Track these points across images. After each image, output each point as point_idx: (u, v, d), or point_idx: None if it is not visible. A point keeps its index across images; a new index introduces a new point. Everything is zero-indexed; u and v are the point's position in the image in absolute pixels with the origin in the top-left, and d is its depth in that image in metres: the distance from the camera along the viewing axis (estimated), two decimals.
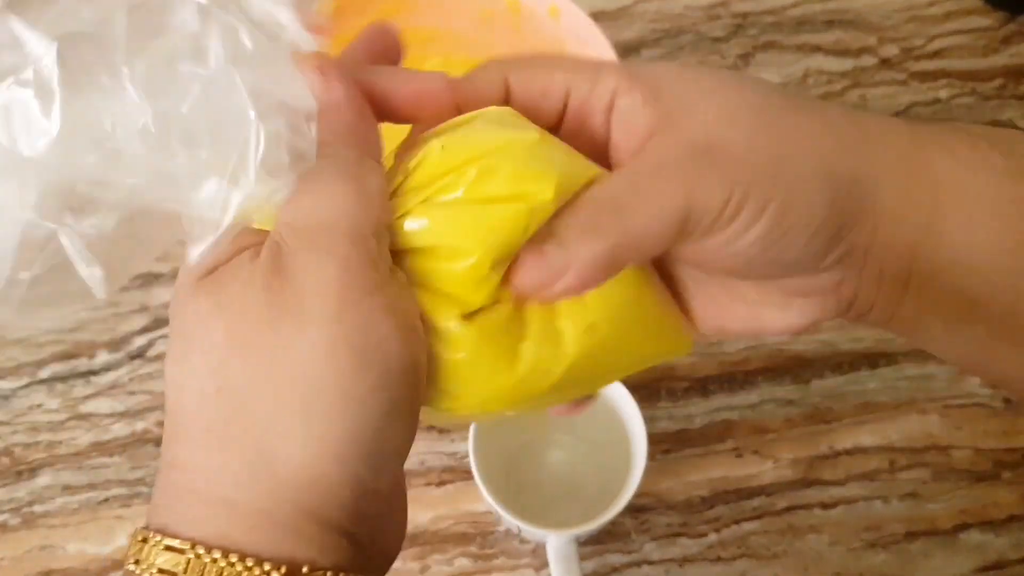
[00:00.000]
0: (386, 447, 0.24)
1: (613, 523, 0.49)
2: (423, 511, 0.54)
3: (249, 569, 0.23)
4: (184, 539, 0.23)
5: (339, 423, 0.23)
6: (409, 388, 0.24)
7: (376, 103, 0.27)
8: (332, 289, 0.23)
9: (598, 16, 0.54)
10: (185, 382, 0.24)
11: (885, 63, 0.65)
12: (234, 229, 0.24)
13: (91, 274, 0.23)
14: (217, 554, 0.23)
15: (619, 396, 0.50)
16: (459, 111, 0.28)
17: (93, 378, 0.57)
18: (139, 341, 0.58)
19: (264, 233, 0.25)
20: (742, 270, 0.28)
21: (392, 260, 0.26)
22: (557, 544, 0.48)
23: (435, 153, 0.26)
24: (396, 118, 0.27)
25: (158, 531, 0.24)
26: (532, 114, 0.28)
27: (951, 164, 0.28)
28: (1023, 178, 0.28)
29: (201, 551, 0.23)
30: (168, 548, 0.23)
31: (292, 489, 0.23)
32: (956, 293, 0.29)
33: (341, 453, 0.23)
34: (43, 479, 0.56)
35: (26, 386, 0.57)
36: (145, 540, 0.24)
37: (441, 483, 0.55)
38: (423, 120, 0.28)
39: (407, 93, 0.27)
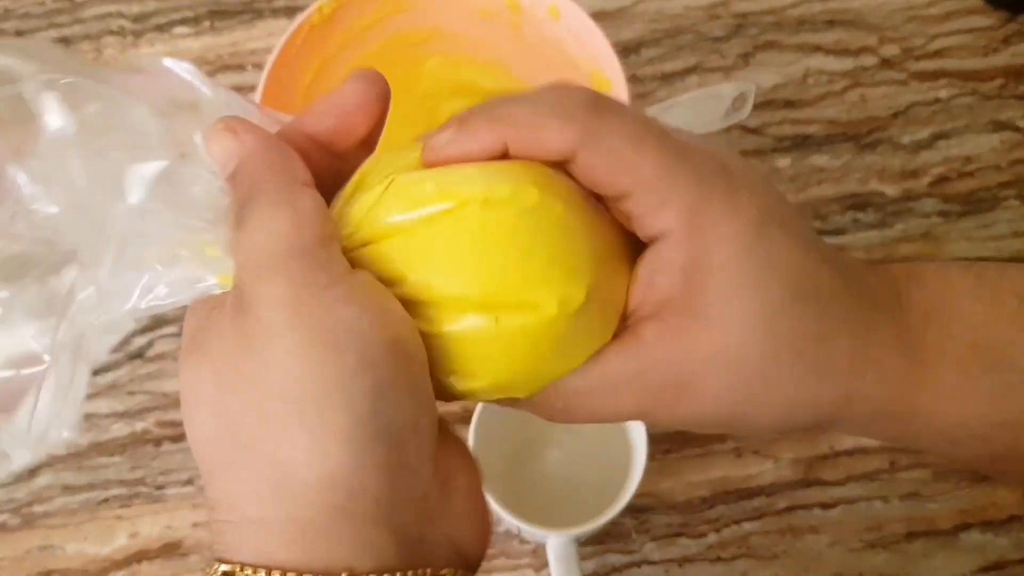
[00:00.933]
0: (393, 423, 0.24)
1: (613, 523, 0.49)
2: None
3: None
4: (233, 563, 0.24)
5: (331, 412, 0.24)
6: (397, 362, 0.24)
7: (314, 145, 0.28)
8: (285, 301, 0.24)
9: (598, 16, 0.54)
10: (198, 434, 0.25)
11: (885, 63, 0.65)
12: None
13: None
14: (262, 573, 0.24)
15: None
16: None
17: (93, 378, 0.57)
18: (139, 341, 0.58)
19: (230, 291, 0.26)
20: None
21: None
22: (557, 544, 0.48)
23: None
24: (339, 148, 0.28)
25: (217, 559, 0.25)
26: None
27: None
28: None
29: (249, 572, 0.24)
30: (224, 574, 0.24)
31: (314, 491, 0.24)
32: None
33: (346, 439, 0.24)
34: (43, 479, 0.56)
35: None
36: (206, 571, 0.25)
37: None
38: (365, 138, 0.29)
39: (332, 122, 0.28)
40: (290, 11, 0.67)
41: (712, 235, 0.26)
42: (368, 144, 0.29)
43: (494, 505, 0.48)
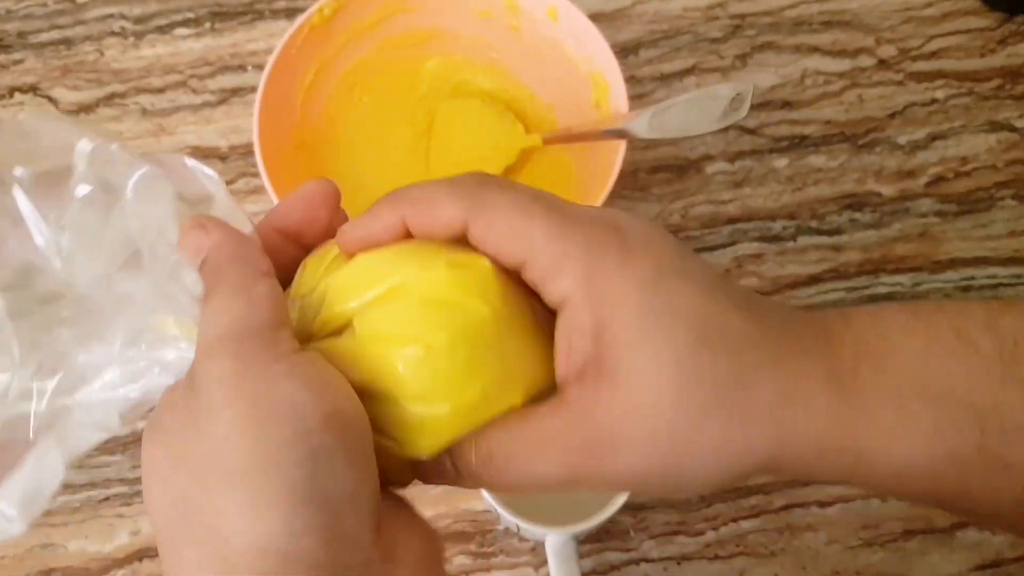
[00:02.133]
0: (330, 492, 0.25)
1: (611, 521, 0.49)
2: (423, 510, 0.53)
3: None
4: None
5: (264, 480, 0.25)
6: (334, 433, 0.25)
7: (283, 237, 0.31)
8: (227, 378, 0.26)
9: (596, 17, 0.55)
10: (152, 510, 0.27)
11: (882, 63, 0.65)
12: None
13: None
14: None
15: None
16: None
17: None
18: None
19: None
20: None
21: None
22: (556, 542, 0.49)
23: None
24: (306, 240, 0.31)
25: None
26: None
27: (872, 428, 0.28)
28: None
29: None
30: None
31: (248, 557, 0.25)
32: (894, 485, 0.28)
33: (279, 505, 0.25)
34: None
35: None
36: None
37: None
38: (324, 230, 0.31)
39: (298, 215, 0.31)
40: (290, 12, 0.67)
41: (609, 295, 0.27)
42: (331, 233, 0.31)
43: (494, 503, 0.48)
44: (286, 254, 0.31)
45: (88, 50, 0.66)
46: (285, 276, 0.30)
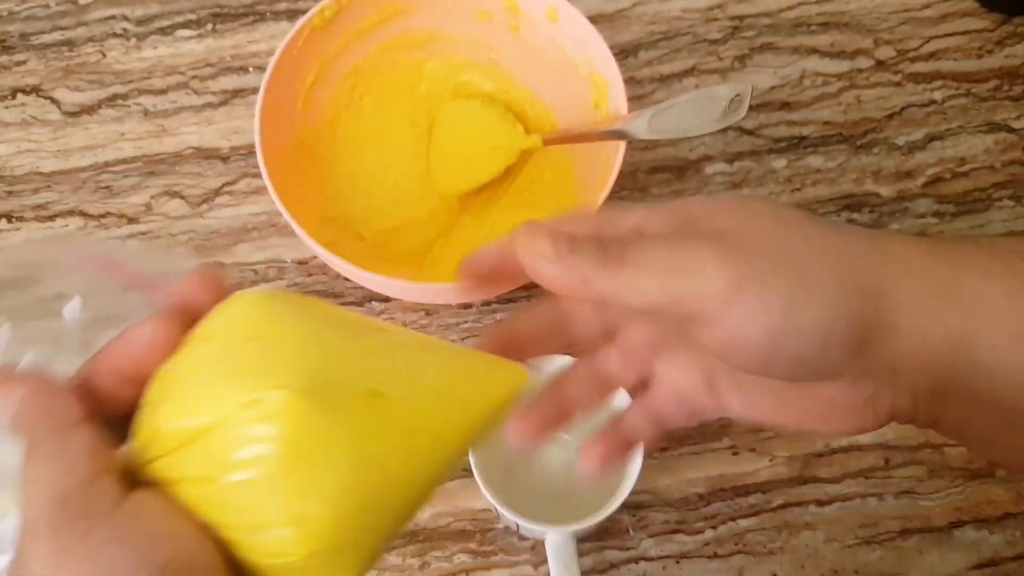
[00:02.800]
0: None
1: (611, 520, 0.49)
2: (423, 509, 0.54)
3: None
4: None
5: None
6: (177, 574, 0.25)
7: (118, 377, 0.28)
8: (50, 563, 0.25)
9: (596, 18, 0.55)
10: None
11: (880, 65, 0.65)
12: None
13: None
14: None
15: (617, 395, 0.51)
16: None
17: None
18: None
19: None
20: (763, 367, 0.29)
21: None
22: (555, 541, 0.49)
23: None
24: (145, 376, 0.28)
25: None
26: None
27: (981, 283, 0.29)
28: None
29: None
30: None
31: None
32: (1000, 408, 0.29)
33: None
34: None
35: None
36: None
37: None
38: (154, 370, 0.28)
39: (128, 361, 0.28)
40: (292, 14, 0.67)
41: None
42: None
43: (493, 502, 0.49)
44: (124, 392, 0.28)
45: (90, 51, 0.66)
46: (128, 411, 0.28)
